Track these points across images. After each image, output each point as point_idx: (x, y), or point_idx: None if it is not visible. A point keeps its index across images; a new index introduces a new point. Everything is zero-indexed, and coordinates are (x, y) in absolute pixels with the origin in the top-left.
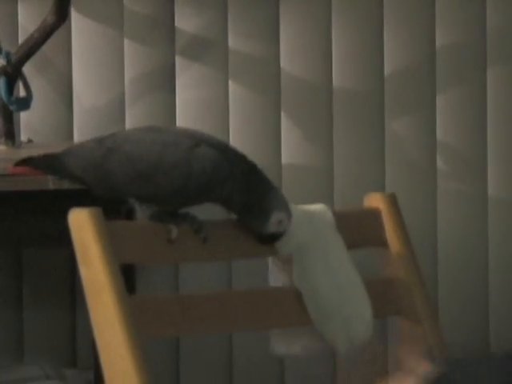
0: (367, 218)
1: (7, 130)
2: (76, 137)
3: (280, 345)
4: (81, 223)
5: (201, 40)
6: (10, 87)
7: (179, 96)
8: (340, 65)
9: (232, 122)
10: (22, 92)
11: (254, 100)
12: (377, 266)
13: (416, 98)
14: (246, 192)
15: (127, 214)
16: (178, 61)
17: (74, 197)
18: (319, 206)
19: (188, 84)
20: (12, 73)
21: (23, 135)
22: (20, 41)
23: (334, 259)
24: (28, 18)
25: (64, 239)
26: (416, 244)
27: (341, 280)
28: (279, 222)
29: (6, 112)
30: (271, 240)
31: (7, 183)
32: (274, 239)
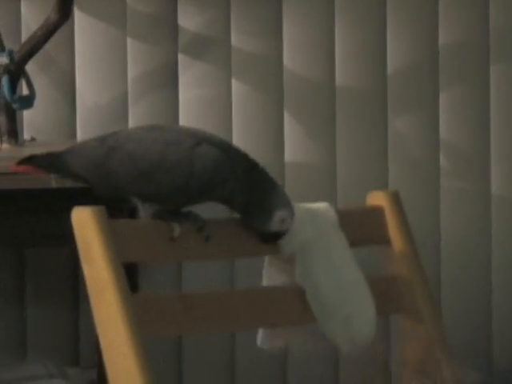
0: (370, 216)
1: (10, 129)
2: (79, 135)
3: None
4: (84, 222)
5: (203, 38)
6: (13, 85)
7: (182, 94)
8: (343, 63)
9: (235, 120)
10: (25, 90)
11: (257, 98)
12: (380, 264)
13: (419, 97)
14: (248, 191)
15: (130, 213)
16: (181, 59)
17: (77, 195)
18: (322, 205)
19: (191, 82)
20: (15, 71)
21: (26, 133)
22: (23, 39)
23: (337, 257)
24: (31, 17)
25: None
26: (419, 242)
27: (343, 278)
28: (282, 221)
29: (9, 110)
30: (274, 239)
31: (10, 182)
32: (277, 238)
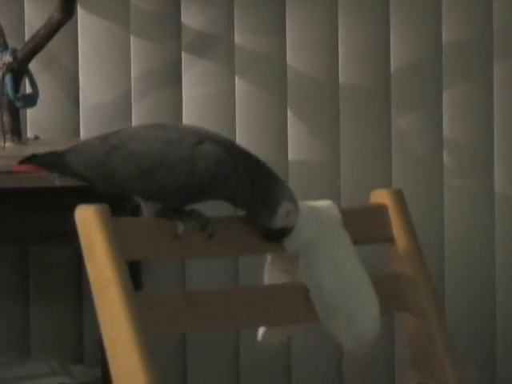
0: (374, 214)
1: (14, 127)
2: (82, 133)
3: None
4: (87, 219)
5: (207, 36)
6: (16, 84)
7: (185, 92)
8: (346, 61)
9: (238, 118)
10: (29, 89)
11: (260, 96)
12: (383, 263)
13: (422, 95)
14: (251, 188)
15: (133, 211)
16: (184, 57)
17: (80, 193)
18: (325, 203)
19: (194, 80)
20: (18, 69)
21: (30, 132)
22: (26, 37)
23: (341, 255)
24: (34, 15)
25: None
26: (422, 240)
27: (347, 276)
28: (287, 214)
29: (13, 109)
30: (279, 236)
31: (13, 180)
32: (282, 235)
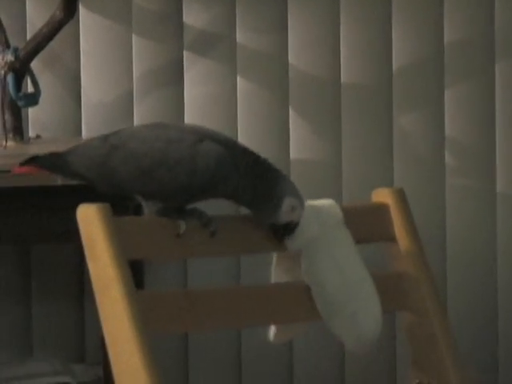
0: (375, 214)
1: (15, 126)
2: (84, 132)
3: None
4: (89, 219)
5: (209, 35)
6: (18, 83)
7: (187, 91)
8: (348, 60)
9: (240, 117)
10: (30, 88)
11: (262, 95)
12: (385, 262)
13: (424, 94)
14: (253, 185)
15: (135, 210)
16: (186, 56)
17: (82, 193)
18: (327, 202)
19: (196, 79)
20: (20, 68)
21: (31, 131)
22: (28, 36)
23: (342, 255)
24: (36, 14)
25: (72, 235)
26: (424, 239)
27: (348, 275)
28: (292, 209)
29: (14, 108)
30: (285, 231)
31: (15, 179)
32: (288, 231)
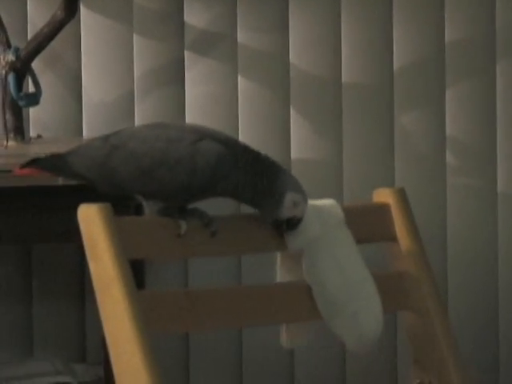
0: (376, 213)
1: (16, 126)
2: (85, 132)
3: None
4: (90, 218)
5: (210, 35)
6: (19, 83)
7: (188, 91)
8: (349, 59)
9: (241, 117)
10: (31, 88)
11: (263, 95)
12: (386, 261)
13: (425, 93)
14: (254, 182)
15: (136, 210)
16: (187, 56)
17: (83, 192)
18: (328, 201)
19: (197, 79)
20: (21, 68)
21: (32, 131)
22: (29, 36)
23: (343, 254)
24: (37, 14)
25: (73, 235)
26: (425, 239)
27: (349, 275)
28: (294, 204)
29: (15, 108)
30: (289, 227)
31: (17, 179)
32: (293, 226)
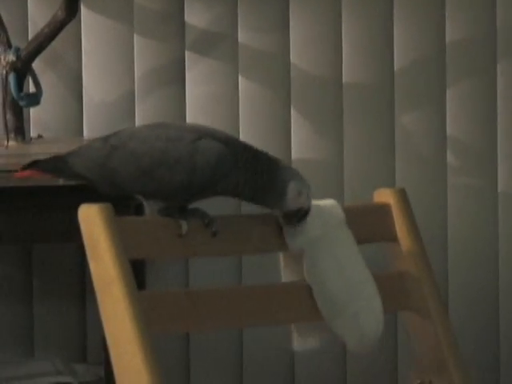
0: (377, 214)
1: (17, 126)
2: (86, 132)
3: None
4: (90, 218)
5: (210, 35)
6: (20, 83)
7: (189, 91)
8: (350, 59)
9: (242, 117)
10: (32, 88)
11: (264, 95)
12: (387, 262)
13: (426, 93)
14: (253, 180)
15: (137, 210)
16: (188, 56)
17: (84, 192)
18: (329, 202)
19: (198, 79)
20: (22, 68)
21: (33, 131)
22: (30, 36)
23: (344, 254)
24: (38, 14)
25: (74, 234)
26: (426, 239)
27: (350, 275)
28: (298, 194)
29: (16, 108)
30: (299, 218)
31: (17, 179)
32: (300, 217)
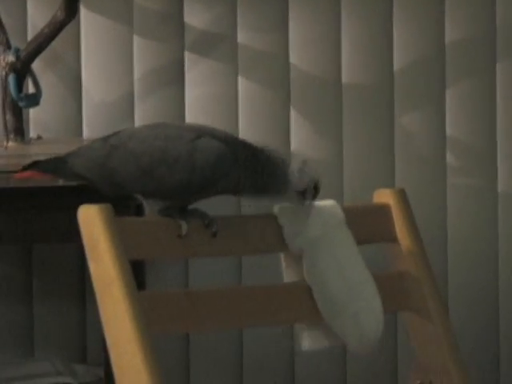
0: (377, 214)
1: (16, 127)
2: (85, 133)
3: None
4: (90, 219)
5: (210, 35)
6: (20, 83)
7: (188, 91)
8: (349, 59)
9: (241, 118)
10: (31, 88)
11: (264, 95)
12: (387, 262)
13: (426, 93)
14: (254, 176)
15: (137, 210)
16: (187, 56)
17: (84, 193)
18: (329, 202)
19: (197, 79)
20: (21, 69)
21: (33, 131)
22: (29, 37)
23: (344, 255)
24: (37, 14)
25: (73, 235)
26: (426, 239)
27: (350, 276)
28: (301, 172)
29: (16, 108)
30: (313, 192)
31: (17, 179)
32: (315, 190)
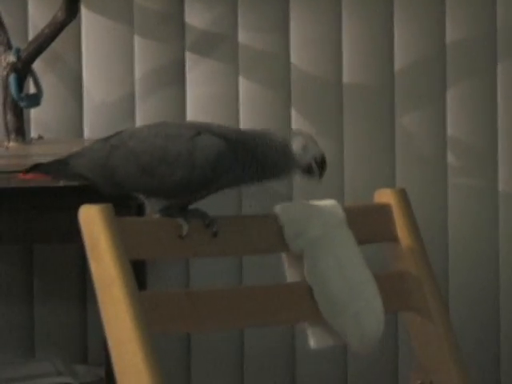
0: (378, 214)
1: (17, 127)
2: (86, 133)
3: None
4: (91, 219)
5: (211, 35)
6: (20, 84)
7: (189, 92)
8: (350, 59)
9: (242, 118)
10: (32, 89)
11: (264, 95)
12: (387, 262)
13: (426, 93)
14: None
15: (137, 210)
16: (188, 56)
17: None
18: (330, 202)
19: (198, 79)
20: (22, 69)
21: (34, 132)
22: (30, 37)
23: (345, 255)
24: (38, 15)
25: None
26: (427, 239)
27: (351, 275)
28: (304, 148)
29: (17, 109)
30: (319, 168)
31: (18, 180)
32: (322, 164)
